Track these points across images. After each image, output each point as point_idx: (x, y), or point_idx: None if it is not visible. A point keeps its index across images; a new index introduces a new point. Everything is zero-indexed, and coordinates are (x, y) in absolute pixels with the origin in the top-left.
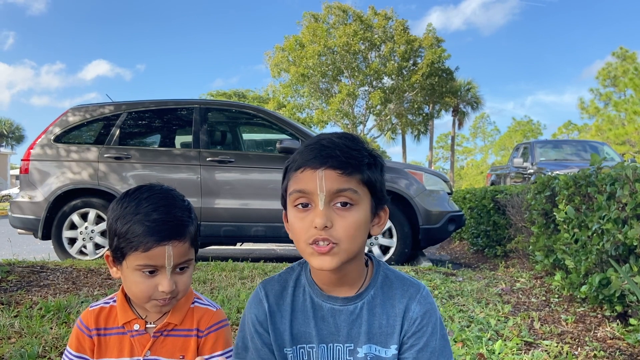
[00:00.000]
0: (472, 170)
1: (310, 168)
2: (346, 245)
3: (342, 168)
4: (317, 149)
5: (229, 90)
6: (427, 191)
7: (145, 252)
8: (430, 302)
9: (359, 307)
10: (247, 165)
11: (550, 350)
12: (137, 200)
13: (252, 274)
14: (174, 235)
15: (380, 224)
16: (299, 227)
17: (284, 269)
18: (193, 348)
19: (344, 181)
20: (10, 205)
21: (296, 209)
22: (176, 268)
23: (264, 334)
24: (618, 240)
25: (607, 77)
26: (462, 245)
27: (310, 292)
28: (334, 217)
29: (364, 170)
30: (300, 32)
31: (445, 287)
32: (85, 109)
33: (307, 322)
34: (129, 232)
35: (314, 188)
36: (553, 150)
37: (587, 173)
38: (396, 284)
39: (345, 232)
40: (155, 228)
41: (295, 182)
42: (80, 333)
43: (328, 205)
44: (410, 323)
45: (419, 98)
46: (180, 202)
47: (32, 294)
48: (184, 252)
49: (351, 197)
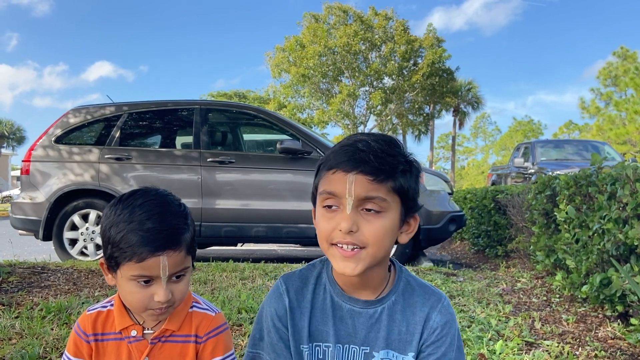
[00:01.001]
0: (473, 170)
1: (342, 171)
2: (372, 250)
3: (374, 174)
4: (351, 152)
5: (229, 90)
6: (427, 191)
7: (139, 262)
8: (450, 312)
9: (379, 312)
10: (248, 166)
11: (551, 351)
12: (131, 208)
13: (253, 275)
14: (169, 245)
15: (409, 232)
16: (324, 228)
17: (305, 265)
18: (192, 354)
19: (374, 188)
20: (11, 206)
21: (324, 209)
22: (172, 277)
23: (282, 329)
24: (619, 240)
25: (608, 77)
26: (463, 246)
27: (331, 291)
28: (360, 222)
29: (397, 178)
30: (301, 32)
31: (446, 287)
32: (86, 110)
33: (326, 321)
34: (122, 241)
35: (343, 192)
36: (554, 150)
37: (587, 173)
38: (418, 292)
39: (372, 237)
40: (149, 238)
41: (326, 182)
42: (77, 338)
43: (355, 209)
44: (430, 332)
45: (420, 98)
46: (176, 208)
47: (33, 295)
48: (179, 261)
49: (380, 204)
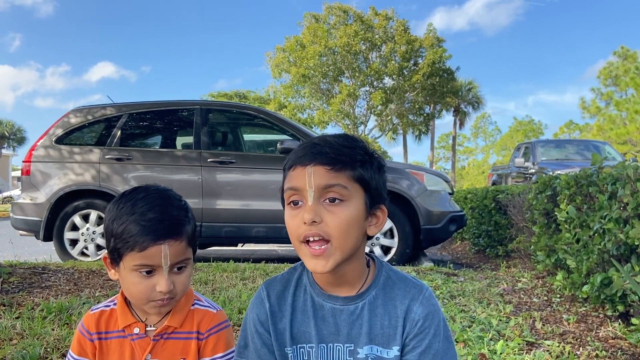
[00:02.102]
0: (473, 170)
1: (301, 165)
2: (339, 243)
3: (331, 164)
4: (308, 147)
5: (230, 91)
6: (428, 191)
7: (141, 251)
8: (433, 303)
9: (359, 307)
10: (248, 166)
11: (552, 350)
12: (133, 201)
13: (254, 275)
14: (170, 234)
15: (378, 224)
16: (291, 225)
17: (287, 269)
18: (194, 351)
19: (333, 177)
20: (12, 206)
21: (289, 207)
22: (173, 268)
23: (265, 334)
24: (619, 240)
25: (609, 77)
26: (463, 246)
27: (312, 292)
28: (323, 213)
29: (356, 167)
30: (301, 32)
31: (446, 287)
32: (87, 110)
33: (307, 321)
34: (124, 232)
35: (303, 184)
36: (554, 149)
37: (588, 173)
38: (398, 285)
39: (336, 227)
40: (151, 227)
41: (287, 180)
42: (81, 337)
43: (317, 201)
44: (412, 325)
45: (420, 98)
46: (177, 202)
47: (33, 296)
48: (180, 251)
49: (340, 192)
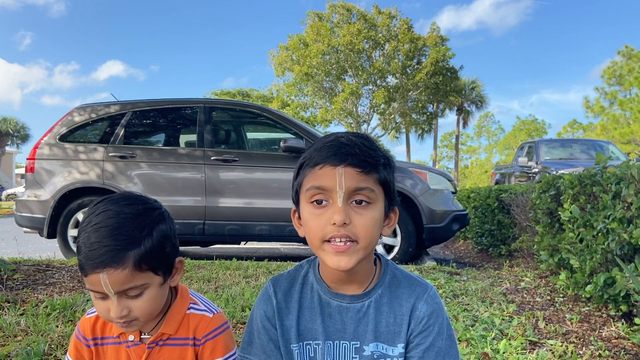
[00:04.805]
0: (476, 170)
1: (330, 165)
2: (364, 243)
3: (362, 166)
4: (336, 146)
5: (233, 89)
6: (431, 190)
7: (85, 277)
8: (437, 302)
9: (366, 305)
10: (252, 164)
11: (555, 350)
12: (89, 217)
13: (257, 273)
14: (108, 263)
15: (391, 225)
16: (315, 224)
17: (293, 266)
18: (191, 357)
19: (362, 180)
20: (16, 204)
21: (312, 205)
22: (124, 294)
23: (271, 330)
24: (623, 240)
25: (613, 76)
26: (466, 245)
27: (319, 290)
28: (351, 215)
29: (381, 170)
30: (304, 31)
31: (449, 286)
32: (91, 108)
33: (314, 318)
34: (79, 251)
35: (333, 185)
36: (558, 149)
37: (592, 172)
38: (404, 283)
39: (364, 229)
40: (89, 254)
41: (313, 178)
42: (78, 342)
43: (346, 202)
44: (417, 322)
45: (423, 97)
46: (130, 223)
47: (38, 293)
48: (123, 279)
49: (369, 195)
